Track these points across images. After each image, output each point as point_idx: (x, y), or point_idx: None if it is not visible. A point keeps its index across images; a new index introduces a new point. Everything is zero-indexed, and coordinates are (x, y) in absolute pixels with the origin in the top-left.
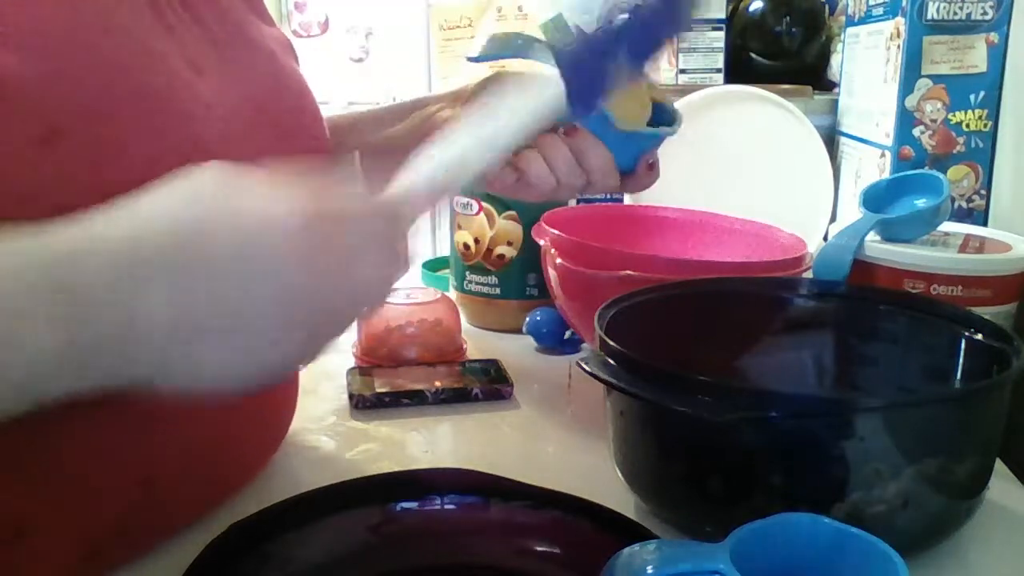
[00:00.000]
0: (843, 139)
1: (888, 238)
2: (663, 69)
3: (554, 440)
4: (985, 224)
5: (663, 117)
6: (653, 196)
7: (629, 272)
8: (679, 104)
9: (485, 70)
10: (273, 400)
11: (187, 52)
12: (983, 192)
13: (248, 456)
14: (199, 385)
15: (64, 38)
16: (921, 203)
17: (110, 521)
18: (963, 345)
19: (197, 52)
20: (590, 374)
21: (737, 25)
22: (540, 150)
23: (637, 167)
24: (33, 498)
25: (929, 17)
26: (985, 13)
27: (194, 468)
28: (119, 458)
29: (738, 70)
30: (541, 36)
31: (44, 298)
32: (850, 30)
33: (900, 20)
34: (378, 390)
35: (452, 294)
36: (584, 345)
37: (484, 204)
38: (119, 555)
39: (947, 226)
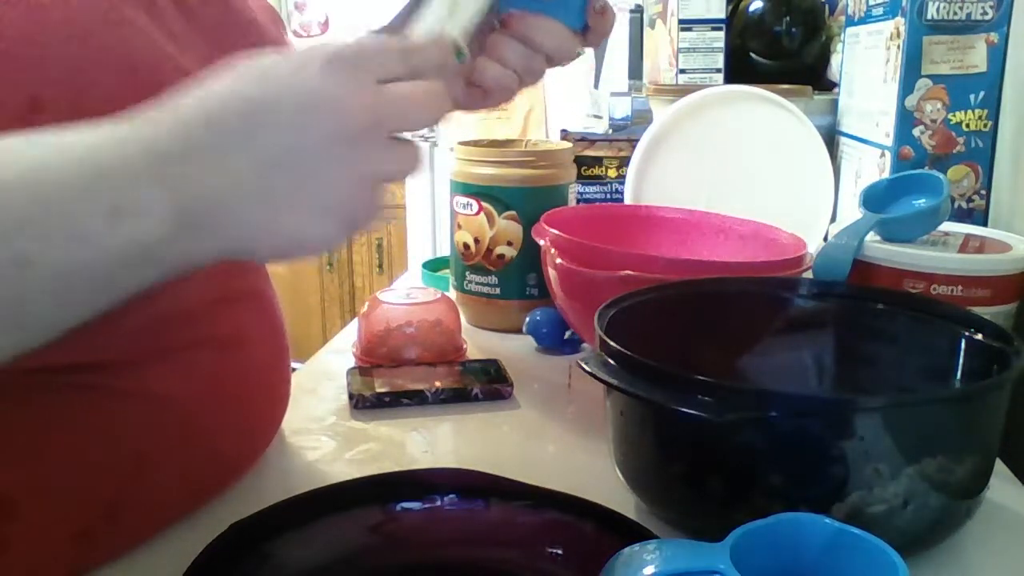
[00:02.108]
0: (843, 139)
1: (888, 238)
2: (663, 70)
3: (554, 440)
4: (985, 224)
5: None
6: (653, 196)
7: (629, 272)
8: (678, 104)
9: None
10: (266, 387)
11: (168, 26)
12: (983, 192)
13: (242, 443)
14: (287, 240)
15: (46, 16)
16: (921, 203)
17: (100, 500)
18: (963, 345)
19: (176, 24)
20: (590, 374)
21: (737, 25)
22: (488, 54)
23: (588, 19)
24: (20, 474)
25: (929, 17)
26: (985, 13)
27: (185, 450)
28: (109, 436)
29: (738, 70)
30: None
31: (150, 168)
32: (850, 30)
33: (900, 20)
34: (378, 390)
35: (452, 294)
36: (584, 345)
37: (484, 204)
38: (111, 540)
39: (947, 226)
